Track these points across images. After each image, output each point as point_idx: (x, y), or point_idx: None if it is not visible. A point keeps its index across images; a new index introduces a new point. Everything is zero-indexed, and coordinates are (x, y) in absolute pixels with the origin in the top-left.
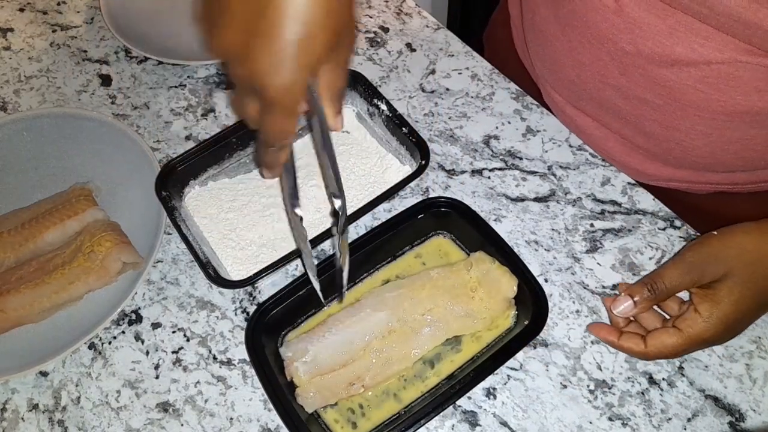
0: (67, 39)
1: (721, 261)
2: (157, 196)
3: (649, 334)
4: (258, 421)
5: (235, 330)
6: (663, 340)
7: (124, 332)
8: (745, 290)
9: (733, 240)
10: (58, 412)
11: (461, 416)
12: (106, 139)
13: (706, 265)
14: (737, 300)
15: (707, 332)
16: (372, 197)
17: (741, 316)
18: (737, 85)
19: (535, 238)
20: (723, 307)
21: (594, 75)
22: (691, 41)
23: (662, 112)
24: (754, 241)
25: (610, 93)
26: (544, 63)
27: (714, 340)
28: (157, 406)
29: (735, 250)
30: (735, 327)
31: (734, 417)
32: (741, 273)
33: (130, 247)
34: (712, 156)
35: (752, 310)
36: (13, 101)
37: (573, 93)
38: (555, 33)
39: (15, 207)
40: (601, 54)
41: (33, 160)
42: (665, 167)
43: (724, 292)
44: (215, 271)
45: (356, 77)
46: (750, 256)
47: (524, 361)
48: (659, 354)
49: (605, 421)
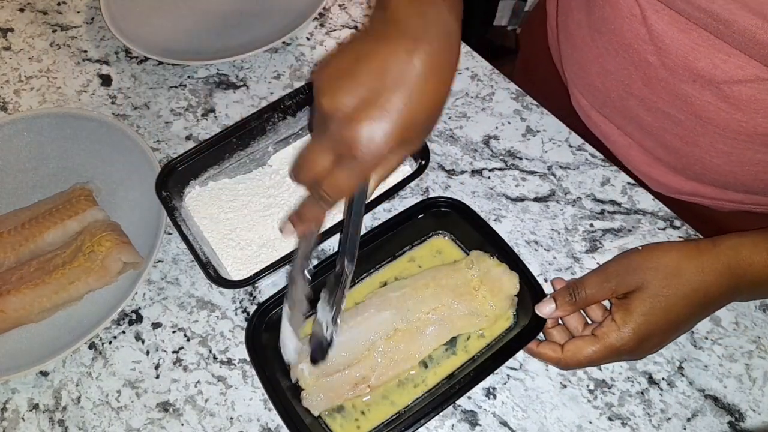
0: (68, 39)
1: (638, 273)
2: (158, 196)
3: (566, 342)
4: (258, 420)
5: (236, 330)
6: (579, 347)
7: (125, 332)
8: (657, 303)
9: (652, 254)
10: (59, 412)
11: (461, 416)
12: (106, 140)
13: (624, 276)
14: (648, 311)
15: (620, 341)
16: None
17: (653, 327)
18: (759, 107)
19: (534, 238)
20: (635, 318)
21: (618, 84)
22: (713, 57)
23: (683, 127)
24: (672, 258)
25: (633, 103)
26: (572, 66)
27: (628, 350)
28: (158, 405)
29: (653, 263)
30: (648, 339)
31: (734, 417)
32: (654, 286)
33: (130, 247)
34: (732, 175)
35: (664, 324)
36: (13, 101)
37: (598, 99)
38: (585, 38)
39: (15, 207)
40: (627, 63)
41: (33, 160)
42: (687, 181)
43: (637, 303)
44: (215, 271)
45: None
46: (666, 270)
47: (524, 360)
48: (574, 361)
49: (605, 420)
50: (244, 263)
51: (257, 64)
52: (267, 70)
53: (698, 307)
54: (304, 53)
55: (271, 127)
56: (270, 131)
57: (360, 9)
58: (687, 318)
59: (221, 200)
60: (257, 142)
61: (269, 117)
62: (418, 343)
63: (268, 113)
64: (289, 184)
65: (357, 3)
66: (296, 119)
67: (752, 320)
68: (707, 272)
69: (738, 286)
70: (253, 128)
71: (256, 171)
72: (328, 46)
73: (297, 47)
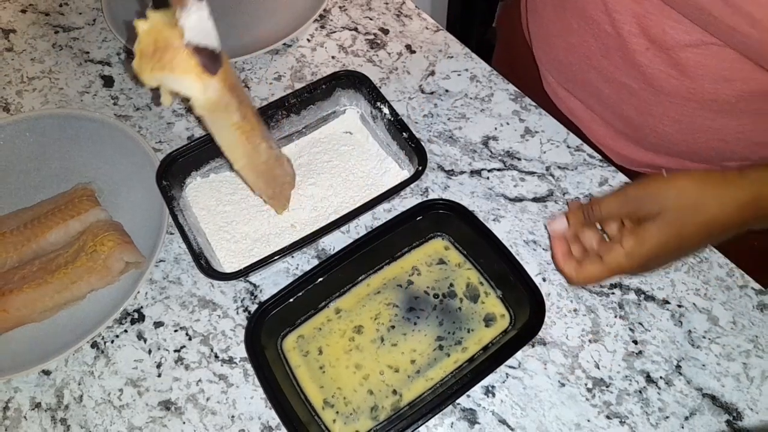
0: (70, 40)
1: (658, 200)
2: (158, 185)
3: (579, 266)
4: (259, 419)
5: (237, 329)
6: (589, 271)
7: (127, 331)
8: (671, 231)
9: (675, 183)
10: (61, 411)
11: (460, 414)
12: (108, 140)
13: (643, 201)
14: (660, 242)
15: (625, 265)
16: (368, 199)
17: (661, 253)
18: (705, 72)
19: (533, 238)
20: (647, 246)
21: (580, 57)
22: (663, 23)
23: (638, 97)
24: (696, 187)
25: (593, 75)
26: (540, 44)
27: (630, 271)
28: (159, 404)
29: (674, 192)
30: (654, 260)
31: (731, 415)
32: (671, 215)
33: (132, 247)
34: (684, 144)
35: (671, 251)
36: (15, 102)
37: (563, 75)
38: (550, 15)
39: (18, 207)
40: (587, 36)
41: (36, 161)
42: (646, 153)
43: (652, 232)
44: (207, 262)
45: (362, 79)
46: (687, 200)
47: (523, 359)
48: (582, 281)
49: (603, 419)
50: (237, 256)
51: (258, 65)
52: (268, 71)
53: (714, 236)
54: (304, 55)
55: (275, 124)
56: (273, 128)
57: (360, 10)
58: (699, 244)
59: (221, 192)
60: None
61: (273, 114)
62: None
63: (272, 110)
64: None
65: (357, 5)
66: (299, 117)
67: (750, 319)
68: (730, 204)
69: (758, 217)
70: None
71: None
72: (329, 48)
73: (298, 49)
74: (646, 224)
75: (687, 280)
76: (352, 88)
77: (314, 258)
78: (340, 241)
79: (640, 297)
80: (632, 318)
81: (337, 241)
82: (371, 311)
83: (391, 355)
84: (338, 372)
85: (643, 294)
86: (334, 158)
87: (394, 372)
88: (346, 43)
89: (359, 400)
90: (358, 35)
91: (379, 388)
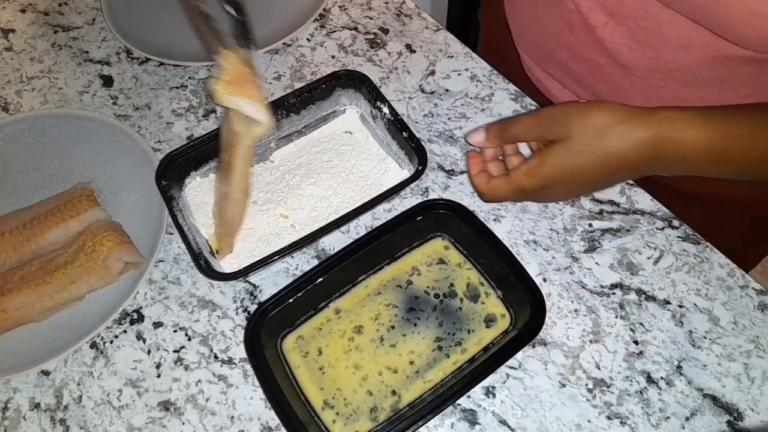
0: (69, 40)
1: (567, 125)
2: (157, 186)
3: (491, 177)
4: (259, 419)
5: (236, 329)
6: (496, 185)
7: (126, 331)
8: (573, 158)
9: (587, 110)
10: (60, 411)
11: (460, 414)
12: (107, 140)
13: (554, 124)
14: (561, 164)
15: (525, 184)
16: (367, 199)
17: (559, 179)
18: (664, 42)
19: (533, 238)
20: (547, 168)
21: (551, 36)
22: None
23: (605, 72)
24: (603, 118)
25: (564, 54)
26: (516, 27)
27: (532, 193)
28: (159, 404)
29: (583, 119)
30: (551, 187)
31: (732, 416)
32: (577, 141)
33: (131, 247)
34: None
35: (571, 179)
36: (15, 102)
37: (538, 55)
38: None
39: (17, 207)
40: (555, 15)
41: (35, 161)
42: None
43: (555, 153)
44: (207, 262)
45: (362, 79)
46: (593, 129)
47: (523, 360)
48: (491, 196)
49: (603, 419)
50: (236, 256)
51: (258, 65)
52: (268, 70)
53: (611, 171)
54: (304, 54)
55: (275, 124)
56: (273, 128)
57: (360, 10)
58: (597, 179)
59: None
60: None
61: (273, 113)
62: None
63: (272, 110)
64: (288, 180)
65: (357, 4)
66: (299, 117)
67: (751, 320)
68: (632, 139)
69: (659, 158)
70: None
71: (257, 165)
72: (329, 47)
73: (297, 48)
74: (552, 146)
75: (688, 281)
76: (352, 87)
77: (314, 258)
78: (340, 241)
79: (641, 297)
80: (633, 318)
81: (337, 241)
82: (371, 312)
83: (390, 355)
84: (338, 372)
85: (643, 294)
86: (334, 158)
87: (393, 373)
88: (346, 43)
89: (359, 401)
90: (358, 35)
91: (378, 389)
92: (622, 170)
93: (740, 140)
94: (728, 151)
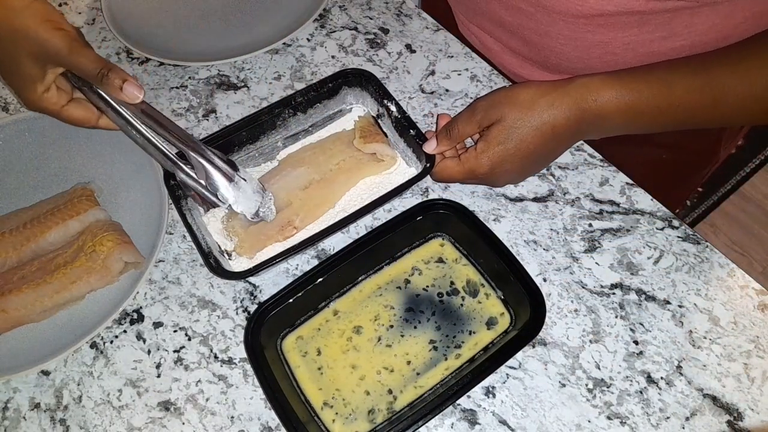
0: None
1: (498, 107)
2: (165, 186)
3: (442, 159)
4: (259, 419)
5: (236, 329)
6: (448, 165)
7: (126, 331)
8: (511, 133)
9: (513, 90)
10: (60, 411)
11: (460, 414)
12: (107, 140)
13: (487, 110)
14: (503, 140)
15: (477, 166)
16: (376, 197)
17: (505, 155)
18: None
19: (533, 238)
20: (491, 146)
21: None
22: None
23: (534, 19)
24: (528, 93)
25: (494, 5)
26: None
27: (483, 174)
28: (159, 404)
29: (511, 98)
30: (501, 165)
31: (732, 416)
32: (510, 118)
33: (131, 247)
34: (580, 61)
35: (515, 153)
36: (15, 102)
37: (470, 10)
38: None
39: (17, 207)
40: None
41: (35, 161)
42: (552, 75)
43: (495, 133)
44: (216, 261)
45: (368, 78)
46: (522, 105)
47: (523, 360)
48: (443, 176)
49: (603, 419)
50: None
51: (258, 65)
52: (268, 71)
53: (548, 138)
54: (304, 54)
55: (281, 123)
56: (280, 127)
57: (360, 10)
58: (538, 149)
59: None
60: (267, 136)
61: (280, 113)
62: (332, 189)
63: (278, 108)
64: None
65: (357, 4)
66: (306, 116)
67: (751, 320)
68: (556, 106)
69: (585, 119)
70: (264, 123)
71: (263, 165)
72: (329, 47)
73: (297, 48)
74: (491, 128)
75: (688, 281)
76: (359, 86)
77: (314, 258)
78: (340, 241)
79: (641, 297)
80: (633, 318)
81: (337, 241)
82: (371, 312)
83: (387, 356)
84: (336, 373)
85: (643, 294)
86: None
87: (390, 373)
88: (346, 43)
89: (357, 401)
90: (358, 35)
91: (376, 389)
92: (557, 137)
93: (653, 95)
94: (642, 105)
